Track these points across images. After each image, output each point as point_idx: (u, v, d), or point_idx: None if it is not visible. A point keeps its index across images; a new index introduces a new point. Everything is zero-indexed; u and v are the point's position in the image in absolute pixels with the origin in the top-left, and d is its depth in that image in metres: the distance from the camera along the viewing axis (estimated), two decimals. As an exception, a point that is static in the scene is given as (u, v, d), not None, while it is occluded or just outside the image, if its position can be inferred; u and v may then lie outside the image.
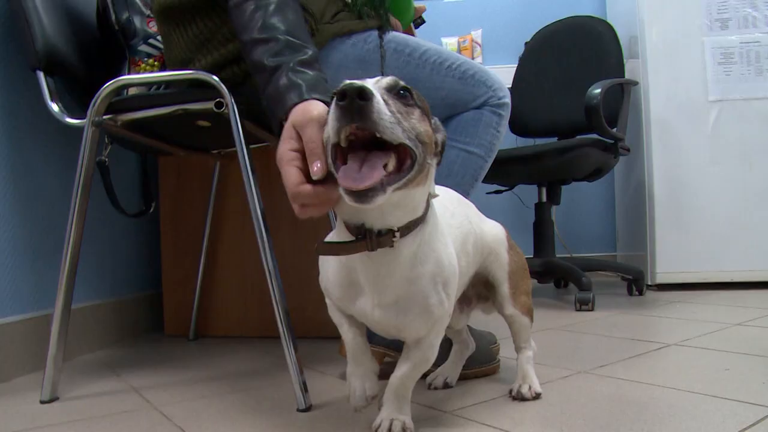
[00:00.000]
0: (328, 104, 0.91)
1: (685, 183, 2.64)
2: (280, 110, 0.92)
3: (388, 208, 0.75)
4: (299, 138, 0.83)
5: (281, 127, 0.89)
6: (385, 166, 0.69)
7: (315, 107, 0.86)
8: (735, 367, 1.28)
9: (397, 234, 0.76)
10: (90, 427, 1.04)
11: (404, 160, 0.71)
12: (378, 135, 0.67)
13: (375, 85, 0.71)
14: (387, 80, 0.73)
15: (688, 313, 2.00)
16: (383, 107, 0.66)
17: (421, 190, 0.77)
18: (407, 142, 0.69)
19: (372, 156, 0.69)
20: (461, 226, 0.96)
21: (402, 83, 0.73)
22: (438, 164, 0.82)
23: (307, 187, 0.79)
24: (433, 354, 0.90)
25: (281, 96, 0.94)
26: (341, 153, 0.72)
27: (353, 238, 0.78)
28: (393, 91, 0.72)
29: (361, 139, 0.70)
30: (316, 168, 0.76)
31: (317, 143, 0.79)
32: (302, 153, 0.82)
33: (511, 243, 1.12)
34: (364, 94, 0.64)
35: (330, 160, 0.75)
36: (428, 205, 0.82)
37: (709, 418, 0.95)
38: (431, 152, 0.75)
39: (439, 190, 0.99)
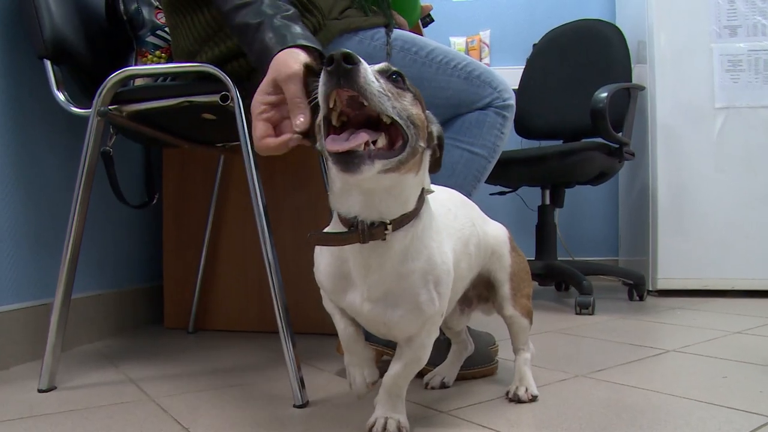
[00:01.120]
0: (314, 52, 0.95)
1: (689, 189, 2.63)
2: (266, 60, 0.94)
3: (379, 195, 0.76)
4: (276, 91, 0.88)
5: None
6: (374, 143, 0.70)
7: (295, 59, 0.89)
8: (733, 375, 1.27)
9: (389, 227, 0.77)
10: (87, 417, 1.05)
11: (395, 141, 0.72)
12: (365, 103, 0.67)
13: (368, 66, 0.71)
14: (379, 65, 0.74)
15: (688, 320, 2.00)
16: (371, 76, 0.67)
17: (413, 179, 0.78)
18: (397, 118, 0.70)
19: (362, 131, 0.69)
20: (463, 228, 0.96)
21: (394, 68, 0.74)
22: (436, 157, 0.83)
23: (269, 140, 0.88)
24: (425, 354, 0.90)
25: (266, 48, 0.96)
26: (333, 132, 0.72)
27: (346, 230, 0.78)
28: (385, 74, 0.73)
29: (353, 121, 0.71)
30: (299, 121, 0.80)
31: (301, 98, 0.84)
32: (274, 105, 0.89)
33: (513, 245, 1.12)
34: (350, 59, 0.65)
35: (320, 135, 0.75)
36: (422, 200, 0.82)
37: (704, 425, 0.95)
38: (423, 137, 0.76)
39: (443, 191, 0.99)
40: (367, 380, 0.94)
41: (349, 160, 0.67)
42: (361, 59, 0.66)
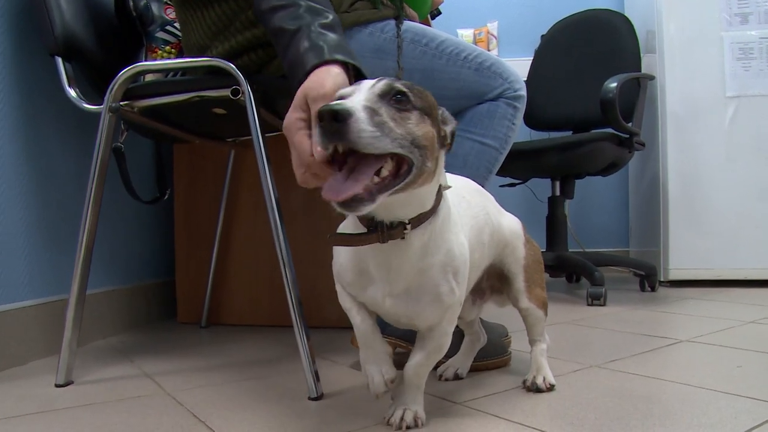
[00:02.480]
0: (350, 67, 0.92)
1: (700, 179, 2.62)
2: (301, 72, 0.91)
3: (396, 205, 0.76)
4: (308, 108, 0.84)
5: None
6: (379, 171, 0.69)
7: (330, 77, 0.86)
8: (748, 364, 1.27)
9: (408, 226, 0.77)
10: (104, 411, 1.05)
11: (402, 165, 0.71)
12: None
13: (369, 90, 0.71)
14: (381, 85, 0.72)
15: (701, 310, 1.99)
16: (363, 124, 0.65)
17: (428, 188, 0.77)
18: (398, 150, 0.68)
19: (365, 162, 0.69)
20: (477, 216, 0.96)
21: (398, 86, 0.72)
22: (448, 151, 0.82)
23: (308, 178, 0.81)
24: (447, 342, 0.90)
25: (301, 58, 0.93)
26: (337, 159, 0.71)
27: (365, 230, 0.78)
28: (387, 96, 0.71)
29: None
30: (317, 151, 0.72)
31: None
32: (309, 121, 0.83)
33: (527, 237, 1.12)
34: (338, 116, 0.64)
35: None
36: (440, 196, 0.82)
37: (721, 414, 0.95)
38: (432, 155, 0.73)
39: (459, 180, 0.99)
40: (386, 377, 0.92)
41: (347, 207, 0.67)
42: (352, 111, 0.65)
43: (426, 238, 0.80)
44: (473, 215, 0.95)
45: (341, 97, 0.73)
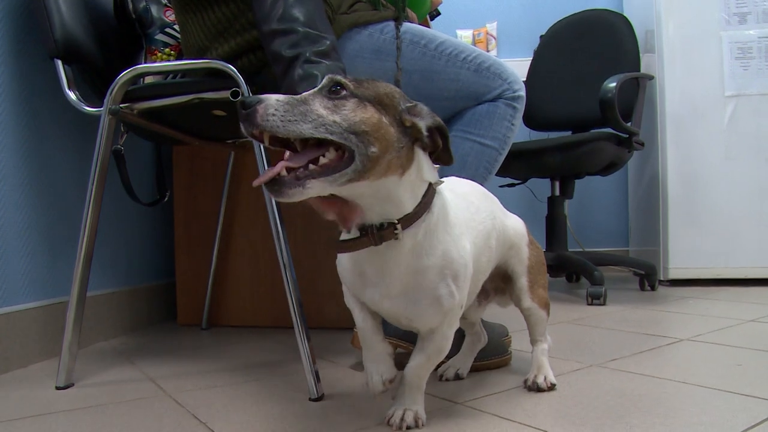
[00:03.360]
0: None
1: (699, 178, 2.62)
2: None
3: (369, 201, 0.77)
4: None
5: None
6: (316, 160, 0.71)
7: None
8: (747, 363, 1.27)
9: (399, 226, 0.77)
10: (105, 413, 1.06)
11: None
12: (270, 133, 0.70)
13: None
14: (324, 81, 0.75)
15: (701, 309, 1.99)
16: (270, 109, 0.69)
17: (399, 180, 0.77)
18: (320, 135, 0.70)
19: (303, 151, 0.73)
20: (485, 221, 0.97)
21: (337, 78, 0.74)
22: (439, 149, 0.81)
23: None
24: (447, 345, 0.91)
25: (295, 87, 0.97)
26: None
27: (358, 235, 0.79)
28: (325, 88, 0.74)
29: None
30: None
31: None
32: None
33: (530, 237, 1.13)
34: (245, 104, 0.69)
35: None
36: (431, 194, 0.81)
37: (720, 412, 0.95)
38: (377, 141, 0.73)
39: (465, 184, 1.00)
40: (384, 377, 0.93)
41: (270, 188, 0.71)
42: (262, 99, 0.69)
43: (419, 238, 0.80)
44: (481, 220, 0.96)
45: None
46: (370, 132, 0.72)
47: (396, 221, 0.77)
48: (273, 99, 0.69)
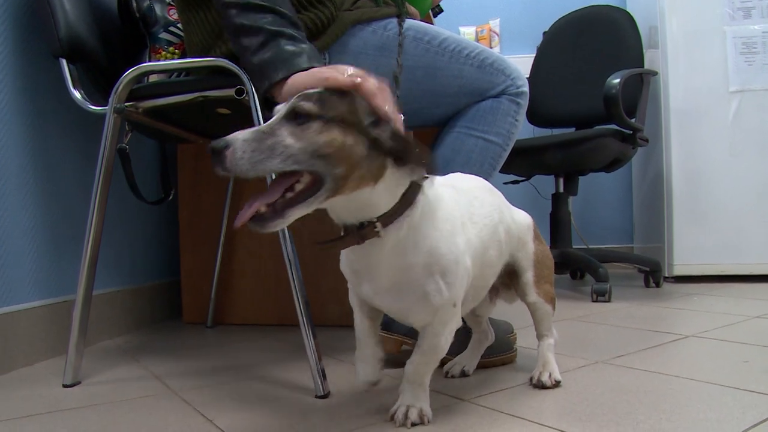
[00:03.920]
0: None
1: (704, 174, 2.61)
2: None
3: (344, 208, 0.80)
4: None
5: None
6: (292, 187, 0.74)
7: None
8: (754, 359, 1.27)
9: (378, 224, 0.79)
10: (112, 411, 1.06)
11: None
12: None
13: (278, 114, 0.75)
14: (288, 105, 0.75)
15: (706, 305, 1.99)
16: (238, 152, 0.70)
17: (370, 190, 0.78)
18: (289, 168, 0.72)
19: (278, 180, 0.75)
20: (491, 215, 0.97)
21: (299, 103, 0.74)
22: (393, 153, 0.79)
23: None
24: (440, 342, 0.90)
25: (281, 61, 0.99)
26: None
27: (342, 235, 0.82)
28: (291, 113, 0.74)
29: None
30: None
31: None
32: None
33: (536, 232, 1.13)
34: (214, 150, 0.70)
35: None
36: (413, 191, 0.81)
37: (728, 409, 0.95)
38: (342, 160, 0.73)
39: (470, 179, 1.01)
40: (367, 379, 0.98)
41: (253, 225, 0.73)
42: (229, 143, 0.70)
43: (401, 235, 0.81)
44: (486, 214, 0.96)
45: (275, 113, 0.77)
46: (334, 154, 0.73)
47: (375, 220, 0.79)
48: (240, 140, 0.70)
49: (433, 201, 0.84)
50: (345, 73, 0.80)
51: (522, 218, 1.11)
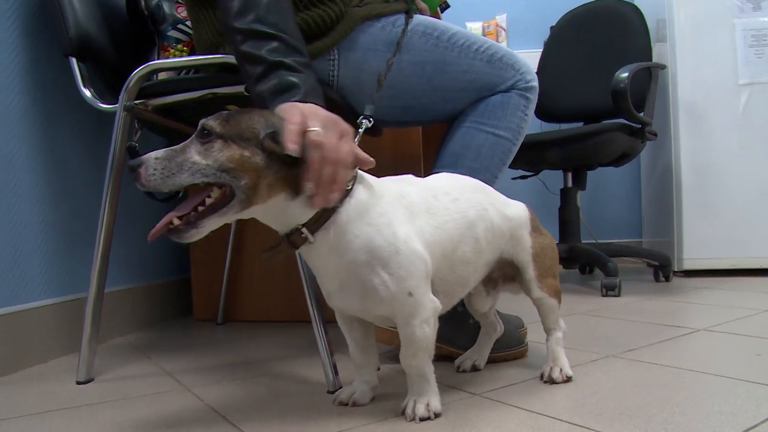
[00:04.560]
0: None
1: (713, 168, 2.60)
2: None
3: (270, 218, 0.87)
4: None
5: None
6: (204, 202, 0.81)
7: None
8: (767, 352, 1.26)
9: (304, 230, 0.84)
10: (126, 407, 1.06)
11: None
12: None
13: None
14: (199, 127, 0.81)
15: (717, 299, 1.98)
16: (150, 169, 0.78)
17: (286, 196, 0.83)
18: (198, 181, 0.79)
19: (191, 195, 0.83)
20: (465, 211, 0.97)
21: (207, 123, 0.81)
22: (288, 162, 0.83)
23: None
24: (416, 332, 0.89)
25: (276, 97, 0.99)
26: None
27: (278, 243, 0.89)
28: (200, 133, 0.81)
29: None
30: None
31: None
32: None
33: (535, 225, 1.11)
34: (131, 168, 0.79)
35: None
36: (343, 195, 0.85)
37: (742, 402, 0.94)
38: (246, 174, 0.79)
39: (442, 177, 1.05)
40: (352, 397, 1.01)
41: (170, 235, 0.81)
42: (142, 161, 0.78)
43: (331, 238, 0.85)
44: (459, 209, 0.97)
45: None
46: (236, 168, 0.79)
47: (301, 226, 0.84)
48: (152, 159, 0.79)
49: (366, 200, 0.87)
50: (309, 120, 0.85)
51: (515, 214, 1.09)
